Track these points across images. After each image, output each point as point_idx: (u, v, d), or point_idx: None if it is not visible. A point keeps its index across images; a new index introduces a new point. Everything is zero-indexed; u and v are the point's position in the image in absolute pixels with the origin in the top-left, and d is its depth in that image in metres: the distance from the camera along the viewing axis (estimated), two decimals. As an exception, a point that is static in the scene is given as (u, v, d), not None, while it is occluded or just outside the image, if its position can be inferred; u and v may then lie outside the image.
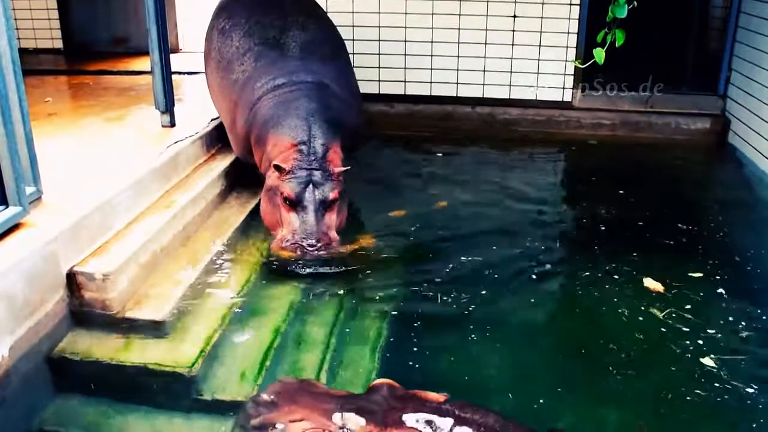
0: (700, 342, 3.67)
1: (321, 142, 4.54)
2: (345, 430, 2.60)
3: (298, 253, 4.30)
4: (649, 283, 4.22)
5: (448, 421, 2.59)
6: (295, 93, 4.78)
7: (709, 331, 3.76)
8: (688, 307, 3.99)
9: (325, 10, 6.15)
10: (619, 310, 4.00)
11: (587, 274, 4.43)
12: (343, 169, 4.56)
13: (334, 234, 4.47)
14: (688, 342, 3.67)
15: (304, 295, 4.11)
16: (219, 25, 5.48)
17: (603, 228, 5.10)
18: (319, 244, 4.32)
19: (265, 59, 5.04)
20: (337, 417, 2.64)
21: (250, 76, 5.02)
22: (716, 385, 3.34)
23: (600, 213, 5.36)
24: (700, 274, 4.38)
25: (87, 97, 6.35)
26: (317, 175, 4.45)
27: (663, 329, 3.79)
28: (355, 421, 2.62)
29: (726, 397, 3.27)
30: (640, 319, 3.91)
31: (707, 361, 3.50)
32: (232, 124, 5.17)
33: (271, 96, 4.83)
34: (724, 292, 4.18)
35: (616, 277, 4.35)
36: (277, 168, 4.45)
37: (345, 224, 4.69)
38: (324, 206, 4.43)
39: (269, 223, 4.63)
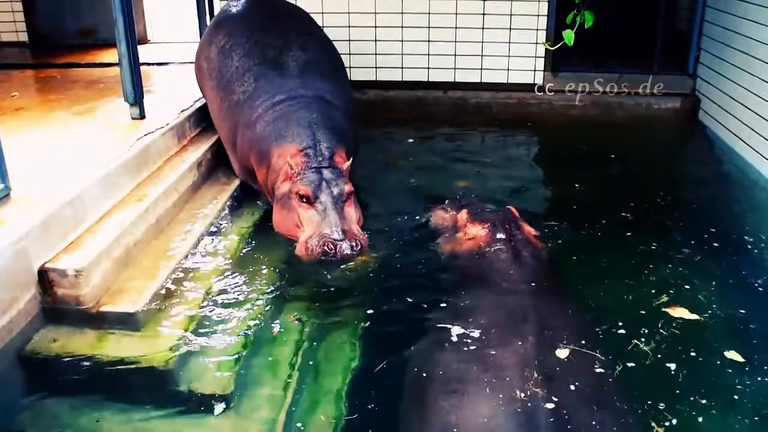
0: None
1: (326, 145, 4.52)
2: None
3: (328, 248, 4.13)
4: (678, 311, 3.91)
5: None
6: (294, 106, 4.76)
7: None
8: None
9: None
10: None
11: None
12: (349, 163, 4.54)
13: (359, 229, 4.38)
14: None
15: (280, 285, 4.09)
16: (219, 43, 5.37)
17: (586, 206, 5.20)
18: (345, 237, 4.16)
19: (263, 79, 4.98)
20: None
21: (250, 95, 4.95)
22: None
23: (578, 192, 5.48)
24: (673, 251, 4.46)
25: (55, 91, 6.26)
26: (327, 173, 4.41)
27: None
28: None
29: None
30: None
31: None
32: (232, 146, 5.10)
33: (271, 112, 4.78)
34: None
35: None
36: (290, 165, 4.40)
37: (363, 220, 4.62)
38: (342, 199, 4.36)
39: (287, 229, 4.50)
